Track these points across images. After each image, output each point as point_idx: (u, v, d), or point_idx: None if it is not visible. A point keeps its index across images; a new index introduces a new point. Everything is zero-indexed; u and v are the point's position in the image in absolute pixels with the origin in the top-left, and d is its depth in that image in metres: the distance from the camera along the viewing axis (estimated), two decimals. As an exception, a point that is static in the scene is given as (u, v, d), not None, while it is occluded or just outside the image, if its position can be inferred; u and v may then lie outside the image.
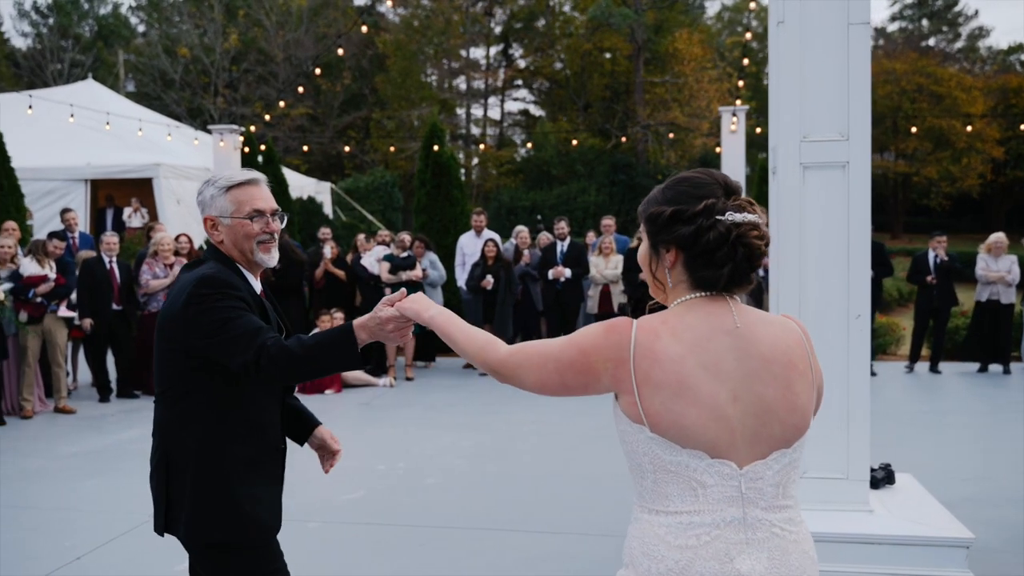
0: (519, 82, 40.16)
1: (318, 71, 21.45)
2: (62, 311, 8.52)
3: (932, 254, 10.21)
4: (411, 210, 14.29)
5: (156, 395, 2.56)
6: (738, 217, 1.78)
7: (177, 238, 10.25)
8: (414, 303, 2.19)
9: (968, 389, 9.67)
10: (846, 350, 4.29)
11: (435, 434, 7.66)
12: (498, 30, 38.50)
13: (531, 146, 34.89)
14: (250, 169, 2.74)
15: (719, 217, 1.78)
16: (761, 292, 10.39)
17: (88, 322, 8.86)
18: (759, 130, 24.57)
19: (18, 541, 5.01)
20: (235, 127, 12.84)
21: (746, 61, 27.45)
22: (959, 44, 39.91)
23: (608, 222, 11.32)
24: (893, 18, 40.53)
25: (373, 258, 10.62)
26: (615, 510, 5.42)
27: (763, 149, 40.93)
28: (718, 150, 14.38)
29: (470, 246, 11.18)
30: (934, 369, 10.41)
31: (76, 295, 8.80)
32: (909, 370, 10.48)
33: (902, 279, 14.21)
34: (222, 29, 33.33)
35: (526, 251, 11.14)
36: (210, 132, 13.81)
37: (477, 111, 39.95)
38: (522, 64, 39.25)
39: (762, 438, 1.78)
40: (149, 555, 4.78)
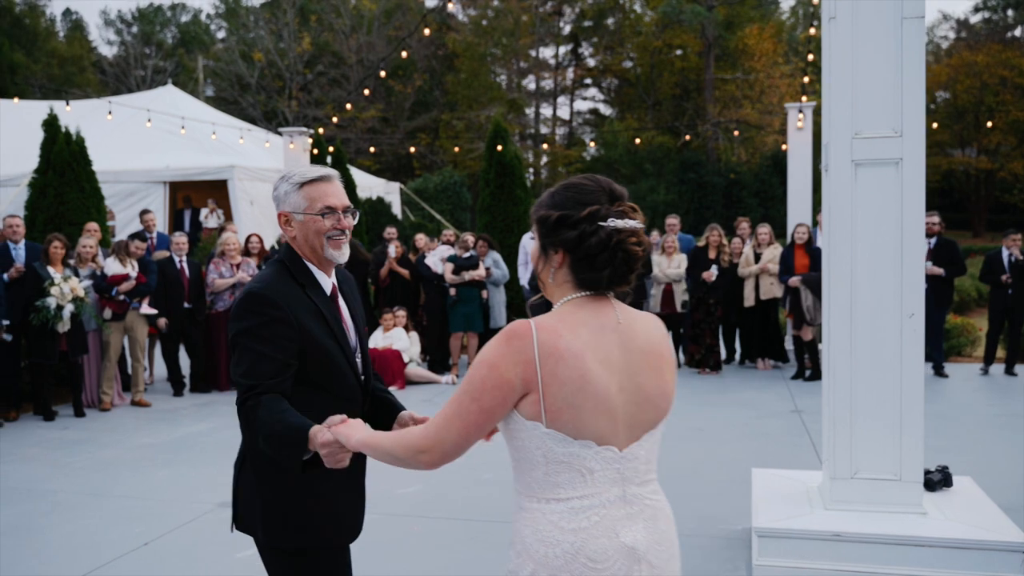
0: (588, 81, 40.12)
1: (383, 74, 21.68)
2: (144, 308, 8.89)
3: (1007, 252, 9.89)
4: (477, 210, 14.43)
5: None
6: (619, 223, 1.89)
7: (248, 239, 10.56)
8: (345, 429, 2.13)
9: (1045, 392, 9.34)
10: (899, 349, 4.22)
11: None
12: (567, 29, 38.51)
13: (592, 144, 34.77)
14: (324, 166, 2.77)
15: (601, 223, 1.88)
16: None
17: (163, 321, 9.21)
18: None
19: (92, 526, 5.26)
20: (304, 129, 13.15)
21: (811, 57, 26.88)
22: (1047, 34, 38.45)
23: (672, 221, 11.24)
24: (976, 9, 39.19)
25: (437, 257, 10.76)
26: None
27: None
28: (784, 147, 14.15)
29: (532, 245, 11.21)
30: (1009, 371, 10.08)
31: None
32: (984, 372, 10.18)
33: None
34: (296, 33, 34.07)
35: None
36: (281, 135, 14.14)
37: (546, 110, 40.07)
38: (591, 63, 39.21)
39: (638, 423, 1.92)
40: (213, 543, 4.97)
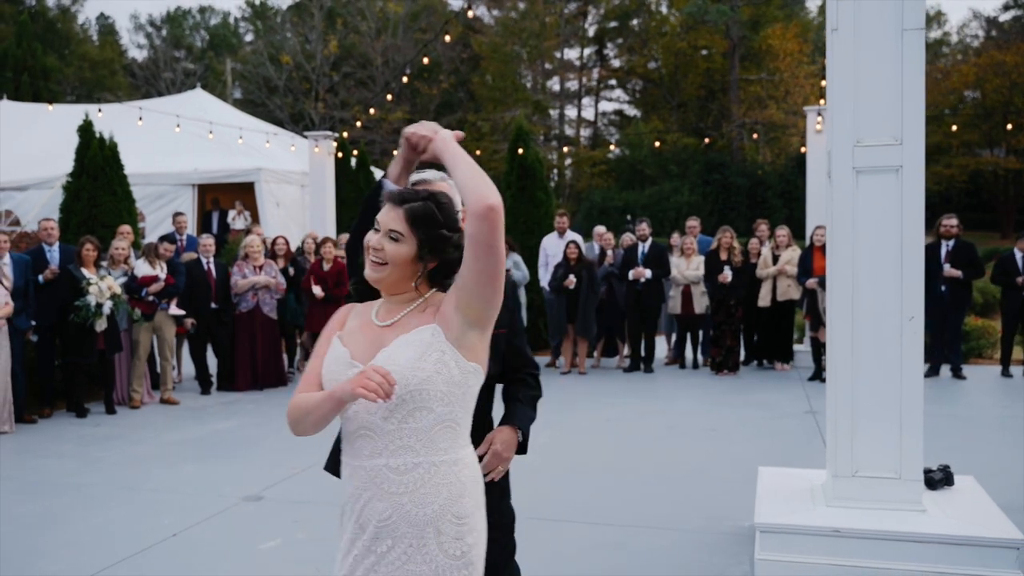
0: (613, 82, 40.20)
1: (405, 79, 21.92)
2: (172, 309, 9.16)
3: (1020, 254, 9.91)
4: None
5: None
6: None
7: (275, 240, 10.81)
8: None
9: (1064, 394, 9.35)
10: (899, 351, 4.34)
11: (511, 429, 7.91)
12: (592, 30, 38.61)
13: (611, 147, 34.79)
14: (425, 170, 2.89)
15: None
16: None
17: (191, 321, 9.47)
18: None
19: (122, 518, 5.49)
20: (329, 133, 13.39)
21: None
22: (1078, 33, 37.94)
23: (692, 223, 11.36)
24: (1006, 7, 38.77)
25: (458, 259, 10.93)
26: (675, 505, 5.58)
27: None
28: (803, 150, 14.18)
29: (553, 247, 11.39)
30: (1029, 373, 10.11)
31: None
32: (1005, 374, 10.20)
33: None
34: (323, 36, 34.45)
35: (609, 251, 11.28)
36: (306, 138, 14.39)
37: (571, 112, 40.19)
38: (616, 64, 39.28)
39: None
40: (238, 534, 5.18)
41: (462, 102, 35.90)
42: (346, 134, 14.26)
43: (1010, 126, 29.01)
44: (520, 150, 12.67)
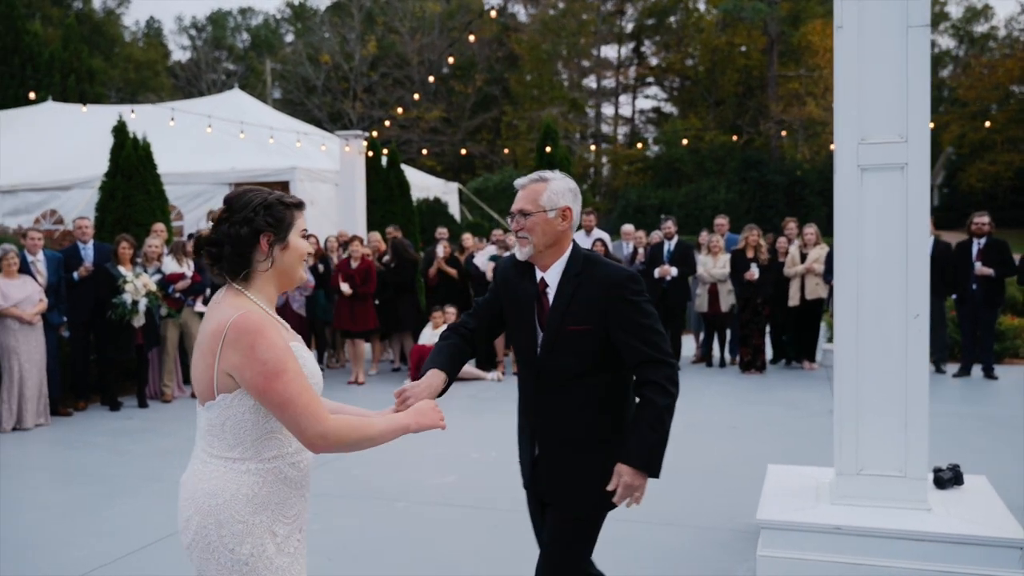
0: (650, 79, 40.04)
1: (432, 79, 22.07)
2: (198, 306, 9.36)
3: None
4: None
5: None
6: None
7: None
8: None
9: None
10: (904, 349, 4.35)
11: (531, 426, 7.98)
12: (629, 28, 38.49)
13: (646, 145, 34.64)
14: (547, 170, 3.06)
15: None
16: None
17: (221, 317, 9.67)
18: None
19: (146, 508, 5.66)
20: (360, 132, 13.56)
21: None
22: None
23: (720, 221, 11.32)
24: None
25: (485, 257, 11.03)
26: (687, 502, 5.60)
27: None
28: (832, 147, 14.03)
29: (579, 245, 11.41)
30: (1062, 373, 9.94)
31: (210, 291, 9.62)
32: (1040, 374, 10.05)
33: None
34: (361, 36, 34.77)
35: (640, 249, 11.28)
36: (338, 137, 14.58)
37: (608, 109, 40.11)
38: (653, 61, 39.12)
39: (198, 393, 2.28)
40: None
41: (497, 100, 35.98)
42: (375, 133, 14.38)
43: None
44: (548, 148, 12.72)
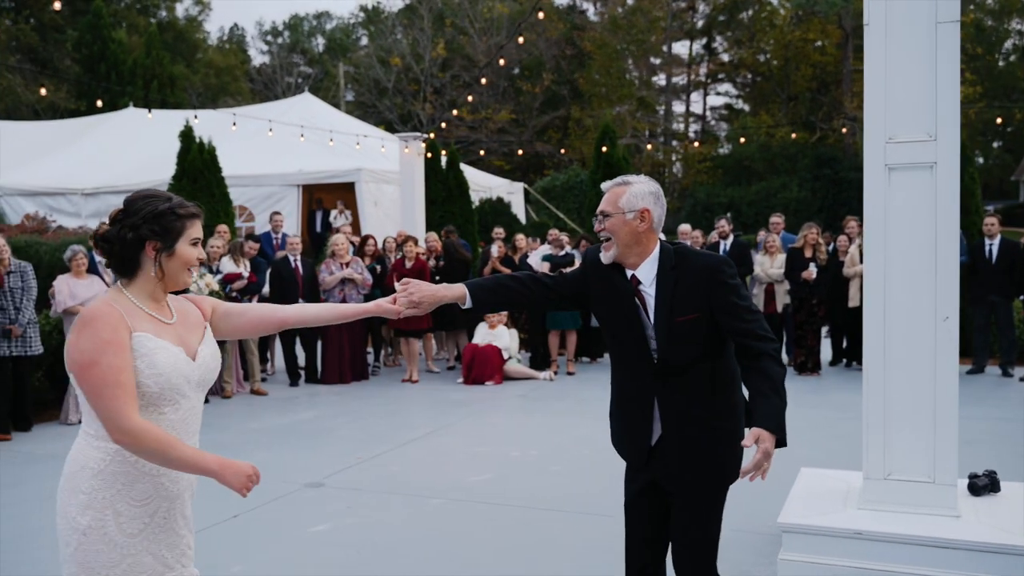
0: (722, 76, 39.50)
1: (484, 80, 22.20)
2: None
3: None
4: (585, 209, 14.62)
5: None
6: None
7: (364, 239, 11.24)
8: None
9: None
10: (933, 352, 4.25)
11: (576, 425, 8.02)
12: (700, 24, 38.04)
13: (707, 144, 34.11)
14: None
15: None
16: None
17: (279, 315, 9.94)
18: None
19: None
20: (418, 134, 13.77)
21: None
22: None
23: (776, 220, 11.16)
24: None
25: (539, 256, 11.09)
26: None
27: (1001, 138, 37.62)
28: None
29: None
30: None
31: (269, 291, 9.91)
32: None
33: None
34: (431, 38, 35.16)
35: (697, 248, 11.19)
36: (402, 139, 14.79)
37: (679, 107, 39.71)
38: (725, 58, 38.59)
39: None
40: (293, 517, 5.49)
41: (565, 99, 35.96)
42: (432, 135, 14.56)
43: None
44: (604, 148, 12.71)
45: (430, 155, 13.90)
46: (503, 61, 18.31)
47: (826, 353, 11.08)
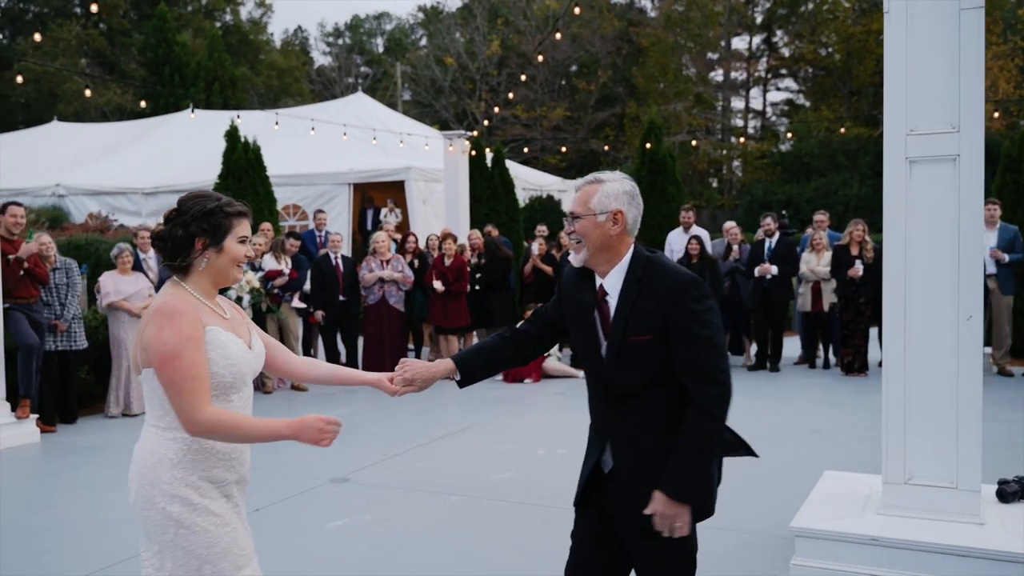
0: (783, 71, 38.74)
1: (523, 77, 22.08)
2: (295, 302, 9.77)
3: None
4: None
5: None
6: None
7: (405, 237, 11.31)
8: None
9: None
10: (955, 353, 4.09)
11: (608, 425, 7.93)
12: (760, 18, 37.41)
13: (755, 143, 33.45)
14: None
15: None
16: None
17: (320, 314, 10.06)
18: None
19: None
20: (463, 132, 13.79)
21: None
22: None
23: (820, 217, 10.89)
24: None
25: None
26: (743, 506, 5.44)
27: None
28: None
29: (677, 243, 11.22)
30: None
31: (310, 288, 10.02)
32: None
33: None
34: (486, 36, 35.24)
35: (735, 247, 10.98)
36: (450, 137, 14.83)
37: (738, 103, 39.08)
38: (786, 52, 37.84)
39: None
40: (313, 512, 5.54)
41: (621, 97, 35.68)
42: (476, 133, 14.58)
43: None
44: (648, 144, 12.57)
45: (474, 153, 13.91)
46: (541, 57, 18.24)
47: (875, 353, 10.77)
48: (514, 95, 33.07)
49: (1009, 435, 7.00)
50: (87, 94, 20.81)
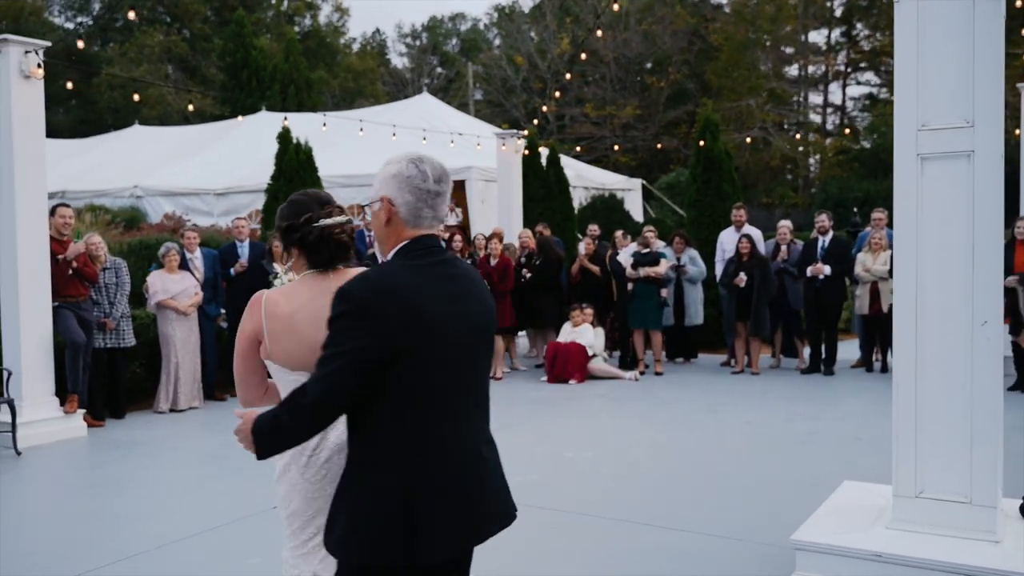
0: (863, 64, 37.60)
1: (568, 76, 21.75)
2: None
3: None
4: (685, 205, 14.20)
5: None
6: (327, 221, 2.65)
7: (451, 237, 11.33)
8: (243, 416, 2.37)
9: None
10: (970, 360, 3.88)
11: (642, 428, 7.80)
12: (838, 11, 36.39)
13: (829, 140, 32.35)
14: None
15: (314, 224, 2.63)
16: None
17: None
18: None
19: (241, 488, 6.06)
20: (515, 131, 13.75)
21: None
22: None
23: (878, 215, 10.48)
24: None
25: (627, 254, 10.86)
26: (755, 514, 5.29)
27: None
28: (1017, 132, 12.58)
29: (729, 242, 10.97)
30: None
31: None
32: None
33: None
34: (555, 35, 35.14)
35: (784, 246, 10.66)
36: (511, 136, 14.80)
37: (816, 98, 38.10)
38: (866, 46, 36.72)
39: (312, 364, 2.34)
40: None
41: (692, 94, 35.13)
42: (526, 131, 14.50)
43: None
44: (702, 142, 12.32)
45: (527, 152, 13.86)
46: (584, 55, 17.99)
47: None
48: (584, 92, 32.90)
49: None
50: (168, 100, 21.45)
